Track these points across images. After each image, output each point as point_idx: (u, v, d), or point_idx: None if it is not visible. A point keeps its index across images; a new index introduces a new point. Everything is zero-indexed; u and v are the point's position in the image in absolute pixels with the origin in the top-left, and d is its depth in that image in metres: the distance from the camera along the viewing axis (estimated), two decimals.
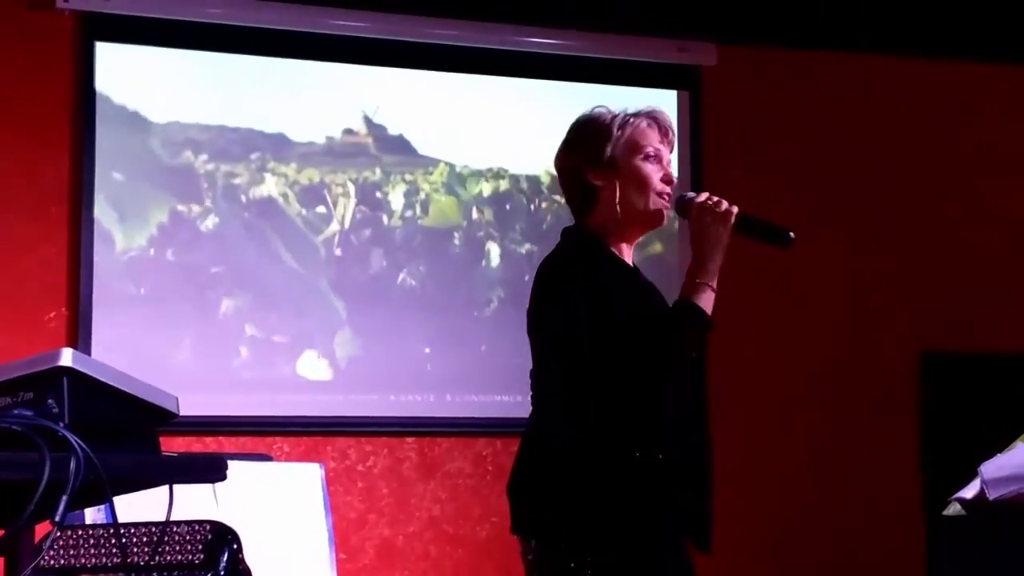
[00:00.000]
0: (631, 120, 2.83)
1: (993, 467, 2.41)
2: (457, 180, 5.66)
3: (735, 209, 2.76)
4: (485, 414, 5.55)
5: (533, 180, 5.75)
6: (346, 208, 5.51)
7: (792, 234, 2.75)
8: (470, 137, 5.69)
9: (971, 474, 2.50)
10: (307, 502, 3.31)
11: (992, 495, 2.33)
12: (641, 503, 2.66)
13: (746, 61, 5.97)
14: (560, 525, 2.69)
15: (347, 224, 5.50)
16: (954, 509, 2.54)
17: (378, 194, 5.56)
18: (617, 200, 2.81)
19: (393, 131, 5.62)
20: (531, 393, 2.89)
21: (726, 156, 5.86)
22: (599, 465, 2.68)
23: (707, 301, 2.71)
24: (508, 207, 5.71)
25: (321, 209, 5.47)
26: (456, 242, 5.66)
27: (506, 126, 5.74)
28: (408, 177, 5.60)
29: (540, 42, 5.73)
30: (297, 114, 5.47)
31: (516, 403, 5.54)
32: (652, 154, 2.81)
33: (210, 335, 5.31)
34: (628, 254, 2.88)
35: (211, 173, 5.35)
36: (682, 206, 2.81)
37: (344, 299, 5.47)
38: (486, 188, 5.70)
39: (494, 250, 5.70)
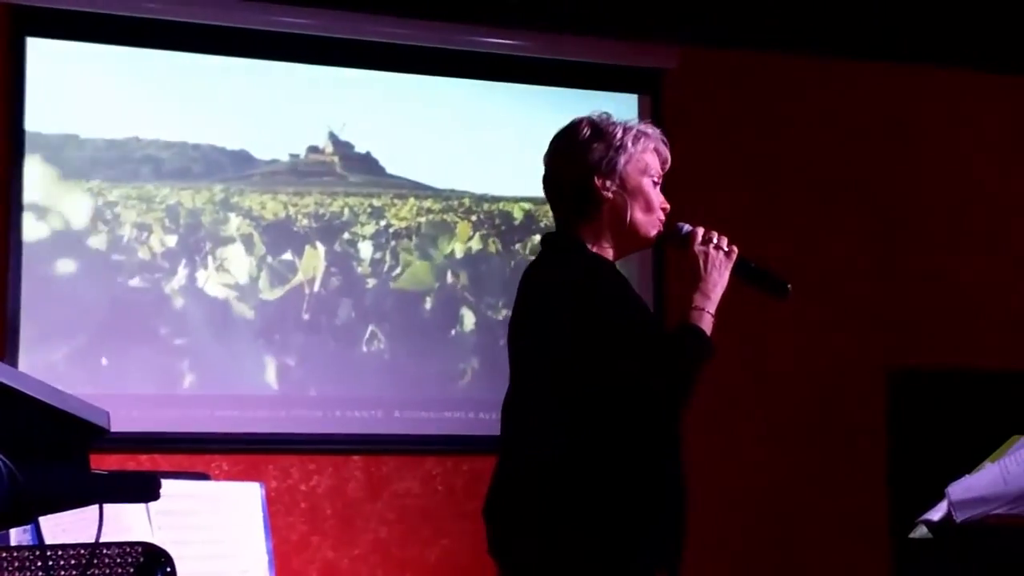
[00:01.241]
0: (644, 139, 2.89)
1: (960, 489, 2.43)
2: (429, 229, 5.64)
3: (735, 249, 2.88)
4: (435, 431, 5.55)
5: (506, 216, 5.74)
6: (315, 271, 5.48)
7: (789, 286, 2.79)
8: (435, 154, 5.69)
9: (939, 495, 2.52)
10: (246, 523, 3.28)
11: (959, 517, 2.35)
12: (621, 531, 2.66)
13: (708, 64, 6.01)
14: (537, 550, 2.68)
15: (316, 286, 5.48)
16: (921, 532, 2.55)
17: (350, 248, 5.53)
18: (622, 215, 2.84)
19: (360, 149, 5.63)
20: (503, 407, 2.85)
21: (687, 161, 5.86)
22: (581, 489, 2.67)
23: (708, 327, 2.80)
24: (483, 268, 5.69)
25: (288, 256, 5.45)
26: (428, 306, 5.64)
27: (469, 134, 5.74)
28: (375, 203, 5.57)
29: (500, 43, 5.76)
30: (261, 130, 5.47)
31: (467, 420, 5.57)
32: (657, 179, 2.90)
33: (147, 348, 5.27)
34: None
35: (166, 199, 5.32)
36: (679, 238, 2.90)
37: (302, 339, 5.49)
38: (459, 249, 5.67)
39: (468, 316, 5.68)
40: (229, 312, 5.37)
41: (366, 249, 5.57)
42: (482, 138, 5.76)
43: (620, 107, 5.85)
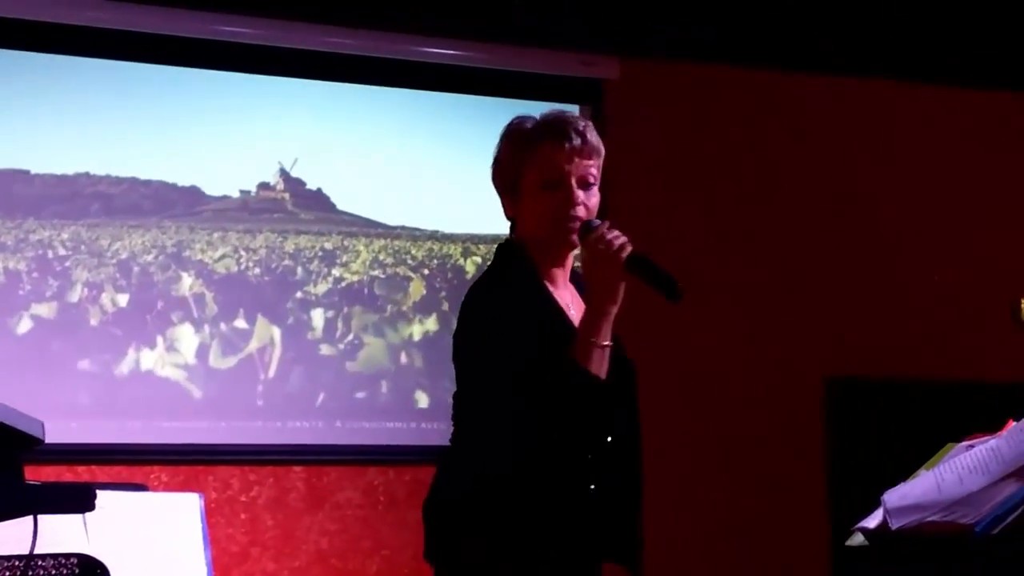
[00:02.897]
0: (528, 145, 2.79)
1: (896, 496, 2.45)
2: (382, 289, 5.61)
3: (628, 248, 2.68)
4: (377, 442, 5.53)
5: (458, 271, 5.74)
6: (272, 350, 5.45)
7: (682, 286, 2.64)
8: (384, 188, 5.67)
9: (877, 502, 2.54)
10: (184, 534, 3.26)
11: (895, 524, 2.37)
12: (546, 532, 2.67)
13: (649, 75, 6.05)
14: (464, 554, 2.69)
15: (271, 370, 5.44)
16: (857, 539, 2.57)
17: (302, 312, 5.49)
18: (530, 229, 2.80)
19: (311, 186, 5.61)
20: (452, 415, 2.87)
21: (628, 171, 5.92)
22: (509, 495, 2.67)
23: (597, 362, 2.65)
24: (437, 349, 5.63)
25: (239, 322, 5.41)
26: (384, 389, 5.63)
27: (413, 148, 5.73)
28: (327, 246, 5.55)
29: (440, 53, 5.76)
30: (211, 167, 5.43)
31: (409, 430, 5.56)
32: (555, 180, 2.75)
33: (82, 358, 5.23)
34: (560, 273, 2.85)
35: (117, 254, 5.28)
36: (581, 233, 2.75)
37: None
38: (416, 330, 5.64)
39: (422, 398, 5.66)
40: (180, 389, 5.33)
41: (318, 318, 5.51)
42: (426, 161, 5.73)
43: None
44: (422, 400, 5.62)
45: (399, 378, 5.60)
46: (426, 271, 5.72)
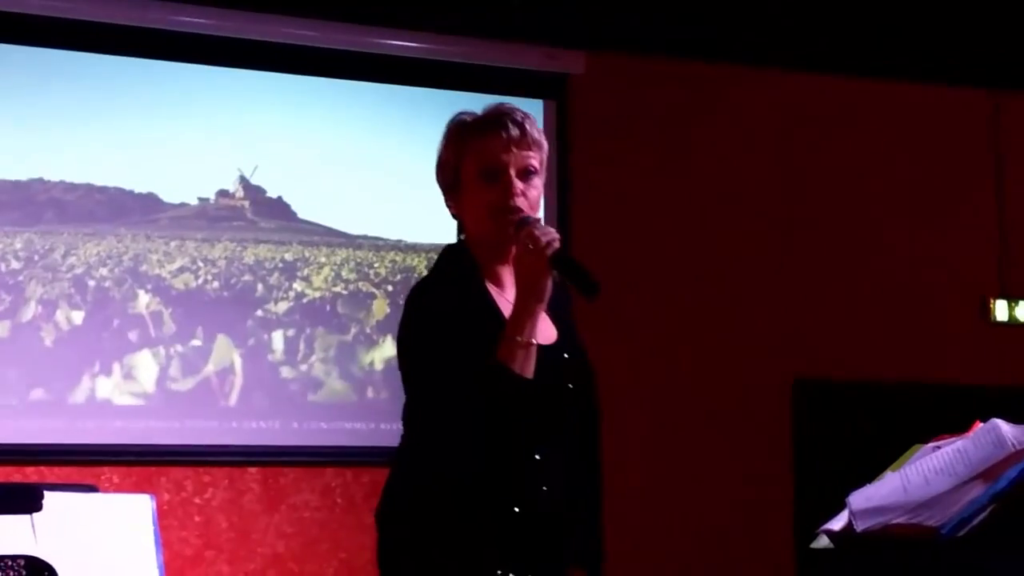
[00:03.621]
0: (466, 138, 2.78)
1: (861, 498, 2.45)
2: (345, 307, 5.57)
3: (556, 245, 2.65)
4: (334, 443, 5.50)
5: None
6: (232, 378, 5.41)
7: (597, 286, 2.60)
8: (345, 195, 5.62)
9: (844, 504, 2.54)
10: (135, 536, 3.22)
11: (860, 527, 2.36)
12: (492, 542, 2.65)
13: (615, 69, 6.05)
14: (402, 561, 2.68)
15: (232, 398, 5.40)
16: (822, 542, 2.57)
17: (262, 330, 5.44)
18: (470, 228, 2.80)
19: (271, 193, 5.56)
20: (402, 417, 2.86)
21: (594, 166, 5.92)
22: (453, 503, 2.66)
23: (522, 360, 2.63)
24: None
25: (197, 343, 5.35)
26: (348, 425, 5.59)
27: (374, 146, 5.69)
28: (287, 257, 5.50)
29: (404, 46, 5.74)
30: (169, 172, 5.37)
31: (368, 431, 5.53)
32: (490, 172, 2.75)
33: (33, 358, 5.17)
34: (507, 271, 2.81)
35: (72, 268, 5.21)
36: (517, 229, 2.72)
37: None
38: (378, 357, 5.59)
39: (381, 398, 5.62)
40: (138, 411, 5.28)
41: (278, 340, 5.47)
42: (387, 161, 5.69)
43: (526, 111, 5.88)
44: (381, 400, 5.59)
45: (361, 411, 5.55)
46: (389, 287, 5.67)
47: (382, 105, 5.76)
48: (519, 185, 2.76)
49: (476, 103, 2.89)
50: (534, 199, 2.79)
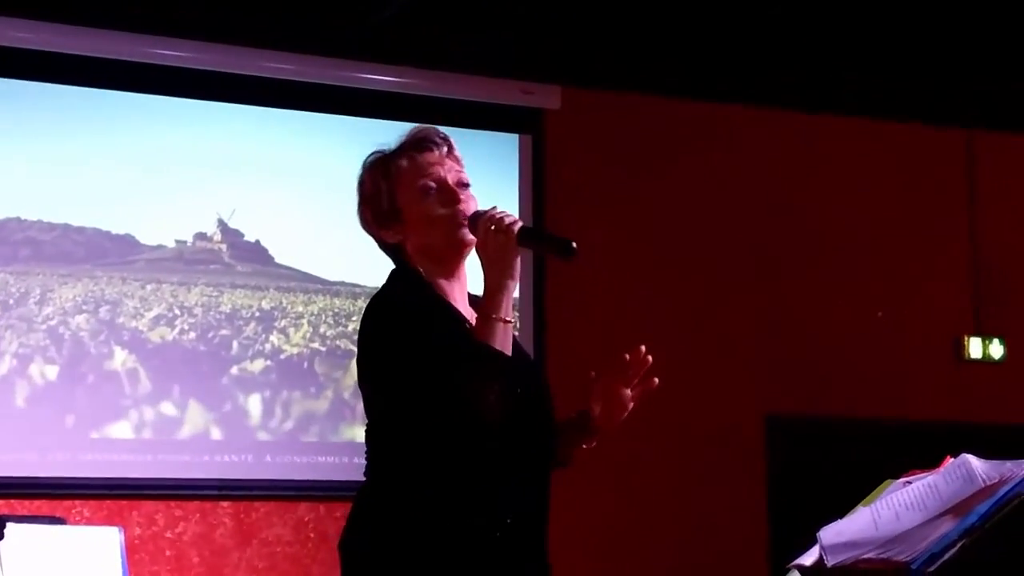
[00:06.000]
0: (393, 164, 2.82)
1: (832, 533, 2.45)
2: (322, 366, 5.55)
3: (519, 223, 2.70)
4: (307, 476, 5.48)
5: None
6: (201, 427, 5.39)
7: (574, 244, 2.68)
8: (323, 238, 5.57)
9: (815, 539, 2.54)
10: (103, 569, 3.21)
11: (831, 561, 2.37)
12: (453, 557, 2.65)
13: (590, 105, 6.07)
14: None
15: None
16: None
17: (238, 390, 5.42)
18: (421, 247, 2.81)
19: (249, 237, 5.55)
20: (365, 445, 2.85)
21: (569, 201, 5.94)
22: (423, 529, 2.65)
23: (501, 337, 2.65)
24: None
25: (171, 411, 5.33)
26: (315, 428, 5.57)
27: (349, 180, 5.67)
28: (264, 305, 5.48)
29: (380, 79, 5.75)
30: (147, 215, 5.36)
31: (341, 465, 5.51)
32: (433, 182, 2.79)
33: (5, 414, 5.13)
34: (456, 286, 2.84)
35: (47, 320, 5.19)
36: (472, 224, 2.77)
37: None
38: (360, 433, 5.54)
39: (355, 432, 5.59)
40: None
41: (255, 405, 5.46)
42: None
43: (502, 146, 5.90)
44: (355, 434, 5.57)
45: (335, 445, 5.53)
46: None
47: (357, 139, 5.73)
48: (461, 193, 2.80)
49: (454, 137, 2.91)
50: (473, 210, 2.81)
